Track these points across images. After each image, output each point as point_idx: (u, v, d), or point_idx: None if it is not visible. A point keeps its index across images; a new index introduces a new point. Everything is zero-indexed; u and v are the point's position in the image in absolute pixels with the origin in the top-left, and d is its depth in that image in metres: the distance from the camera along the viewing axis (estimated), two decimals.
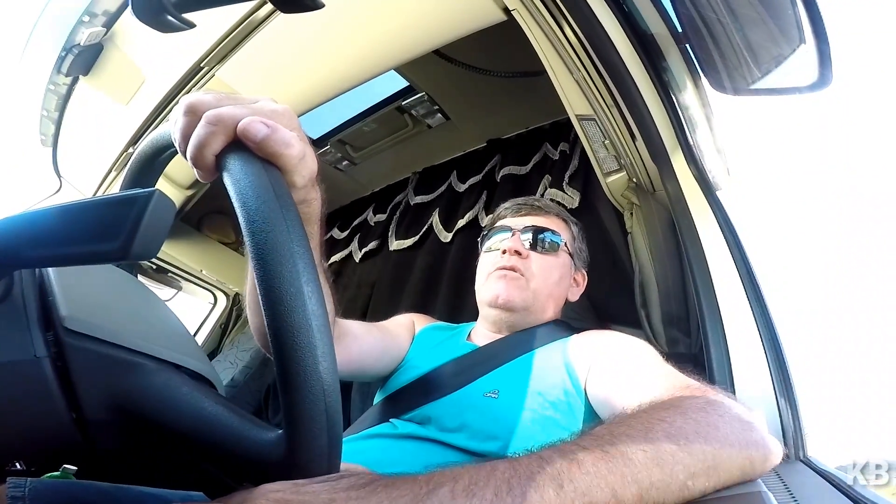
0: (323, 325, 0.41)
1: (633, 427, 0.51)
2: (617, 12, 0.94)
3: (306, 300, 0.41)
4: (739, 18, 0.96)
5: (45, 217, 0.41)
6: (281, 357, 0.40)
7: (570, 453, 0.45)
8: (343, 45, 1.31)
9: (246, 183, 0.44)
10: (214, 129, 0.46)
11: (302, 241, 0.42)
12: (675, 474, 0.47)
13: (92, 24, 1.34)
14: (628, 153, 1.19)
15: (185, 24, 0.61)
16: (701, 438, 0.51)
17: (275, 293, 0.40)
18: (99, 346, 0.47)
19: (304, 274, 0.41)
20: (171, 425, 0.46)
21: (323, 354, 0.40)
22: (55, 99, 1.59)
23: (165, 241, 0.40)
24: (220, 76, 1.41)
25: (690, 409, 0.55)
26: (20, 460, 0.48)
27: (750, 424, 0.57)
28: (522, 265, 1.10)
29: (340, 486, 0.40)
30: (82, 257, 0.41)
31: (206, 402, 0.47)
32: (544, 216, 1.20)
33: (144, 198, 0.39)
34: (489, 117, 1.84)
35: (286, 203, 0.44)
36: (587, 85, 1.08)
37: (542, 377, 0.93)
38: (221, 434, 0.45)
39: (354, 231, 2.14)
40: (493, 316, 1.12)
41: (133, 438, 0.48)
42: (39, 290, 0.46)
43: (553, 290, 1.13)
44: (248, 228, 0.41)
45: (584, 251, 1.24)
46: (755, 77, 0.97)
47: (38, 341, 0.43)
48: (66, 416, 0.44)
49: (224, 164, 0.46)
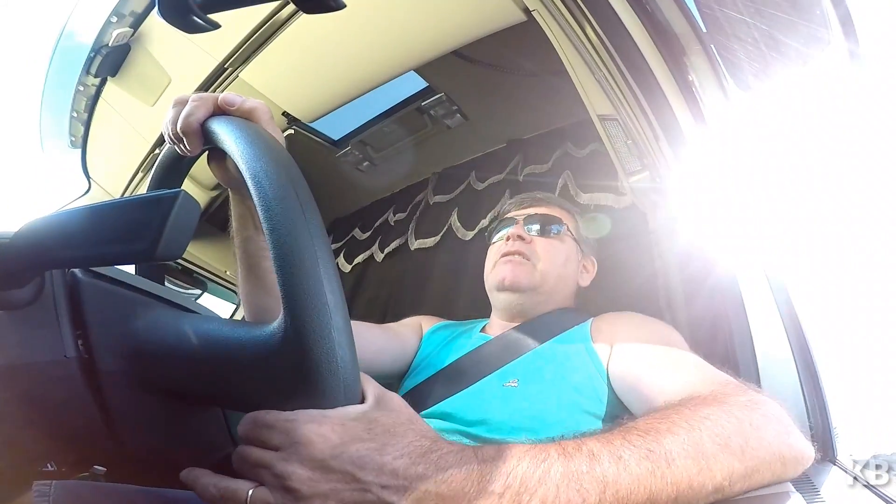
0: (313, 209, 0.44)
1: (678, 424, 0.51)
2: (639, 11, 0.93)
3: (296, 189, 0.43)
4: (765, 16, 0.94)
5: (73, 218, 0.42)
6: (276, 235, 0.41)
7: (617, 451, 0.46)
8: (363, 46, 1.32)
9: (235, 124, 0.52)
10: (198, 103, 0.60)
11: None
12: (714, 476, 0.47)
13: (120, 25, 1.37)
14: (651, 153, 1.18)
15: (210, 24, 0.61)
16: (742, 440, 0.51)
17: (265, 187, 0.43)
18: (110, 286, 0.50)
19: (290, 165, 0.46)
20: (180, 352, 0.47)
21: (317, 232, 0.42)
22: (84, 100, 1.62)
23: (191, 241, 0.41)
24: (244, 77, 1.43)
25: (734, 406, 0.56)
26: (51, 461, 0.50)
27: (789, 427, 0.57)
28: (527, 249, 1.13)
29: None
30: (110, 258, 0.42)
31: (202, 319, 0.50)
32: (546, 206, 1.24)
33: (170, 198, 0.40)
34: (508, 118, 1.83)
35: (270, 132, 0.52)
36: (609, 85, 1.07)
37: (563, 362, 0.93)
38: (224, 340, 0.46)
39: (377, 232, 2.14)
40: (502, 301, 1.14)
41: (151, 385, 0.49)
42: (70, 290, 0.47)
43: (561, 272, 1.15)
44: (241, 151, 0.46)
45: (590, 240, 1.27)
46: (781, 76, 0.95)
47: (69, 342, 0.44)
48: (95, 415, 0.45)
49: (210, 125, 0.57)
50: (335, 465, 0.41)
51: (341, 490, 0.40)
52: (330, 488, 0.40)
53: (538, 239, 1.16)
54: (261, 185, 0.42)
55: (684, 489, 0.45)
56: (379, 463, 0.41)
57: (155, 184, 0.71)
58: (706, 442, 0.49)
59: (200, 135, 0.60)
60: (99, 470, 0.52)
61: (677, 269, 1.22)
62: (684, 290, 1.20)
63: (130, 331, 0.49)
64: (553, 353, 0.96)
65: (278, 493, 0.41)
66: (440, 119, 1.78)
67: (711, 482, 0.47)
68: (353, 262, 2.15)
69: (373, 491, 0.40)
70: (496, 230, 1.25)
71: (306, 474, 0.40)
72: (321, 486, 0.40)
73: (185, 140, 0.61)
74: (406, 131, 1.87)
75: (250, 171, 0.44)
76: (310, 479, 0.40)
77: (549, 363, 0.94)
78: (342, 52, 1.36)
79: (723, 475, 0.48)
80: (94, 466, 0.52)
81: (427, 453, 0.43)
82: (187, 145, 0.62)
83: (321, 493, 0.40)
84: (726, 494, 0.48)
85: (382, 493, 0.40)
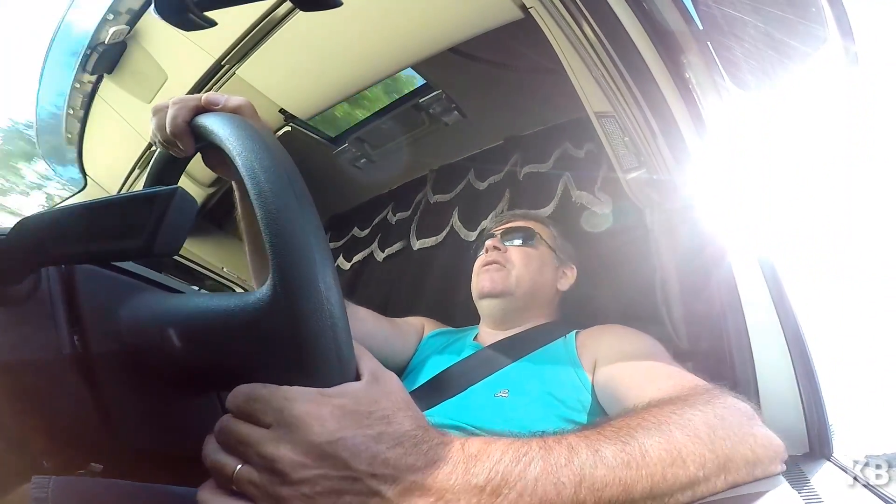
0: (298, 177, 0.45)
1: (647, 420, 0.53)
2: (636, 9, 0.93)
3: (286, 167, 0.44)
4: (762, 15, 0.94)
5: (69, 215, 0.42)
6: (262, 199, 0.42)
7: (594, 444, 0.47)
8: (360, 43, 1.32)
9: (224, 119, 0.52)
10: (180, 105, 0.61)
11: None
12: (687, 467, 0.48)
13: (116, 22, 1.37)
14: (648, 150, 1.18)
15: (206, 22, 0.62)
16: (709, 429, 0.52)
17: (256, 162, 0.43)
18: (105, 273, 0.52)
19: (278, 149, 0.46)
20: (174, 331, 0.47)
21: (301, 193, 0.43)
22: (80, 97, 1.62)
23: (187, 238, 0.41)
24: (241, 74, 1.43)
25: (698, 403, 0.58)
26: (47, 458, 0.49)
27: (753, 417, 0.59)
28: (502, 257, 1.23)
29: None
30: (106, 254, 0.42)
31: (195, 295, 0.52)
32: (522, 220, 1.36)
33: (167, 195, 0.40)
34: (506, 115, 1.83)
35: (258, 126, 0.51)
36: (606, 82, 1.07)
37: (551, 374, 0.95)
38: (216, 310, 0.46)
39: (375, 230, 2.14)
40: (484, 308, 1.23)
41: (148, 373, 0.49)
42: (66, 286, 0.47)
43: (535, 278, 1.22)
44: (234, 142, 0.46)
45: (568, 248, 1.35)
46: (778, 74, 0.95)
47: (65, 338, 0.44)
48: (92, 412, 0.45)
49: (198, 122, 0.58)
50: (329, 451, 0.40)
51: (331, 476, 0.40)
52: (320, 474, 0.40)
53: (513, 248, 1.26)
54: (251, 166, 0.43)
55: (658, 480, 0.46)
56: (374, 452, 0.40)
57: (151, 181, 0.71)
58: (676, 433, 0.50)
59: (191, 134, 0.61)
60: (96, 467, 0.52)
61: (674, 267, 1.22)
62: (682, 287, 1.20)
63: (125, 319, 0.49)
64: (540, 366, 0.99)
65: (265, 475, 0.40)
66: (438, 116, 1.78)
67: (685, 473, 0.48)
68: (352, 260, 2.15)
69: (363, 480, 0.40)
70: (480, 245, 1.34)
71: (297, 459, 0.40)
72: (310, 472, 0.40)
73: (178, 142, 0.63)
74: (404, 128, 1.87)
75: (240, 157, 0.44)
76: (301, 463, 0.40)
77: (537, 375, 0.96)
78: (339, 50, 1.36)
79: (695, 465, 0.48)
80: (90, 464, 0.52)
81: (419, 444, 0.43)
82: (181, 146, 0.64)
83: (309, 479, 0.39)
84: (704, 489, 0.49)
85: (371, 482, 0.40)
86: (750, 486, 0.51)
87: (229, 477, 0.41)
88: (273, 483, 0.40)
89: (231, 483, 0.42)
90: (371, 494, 0.40)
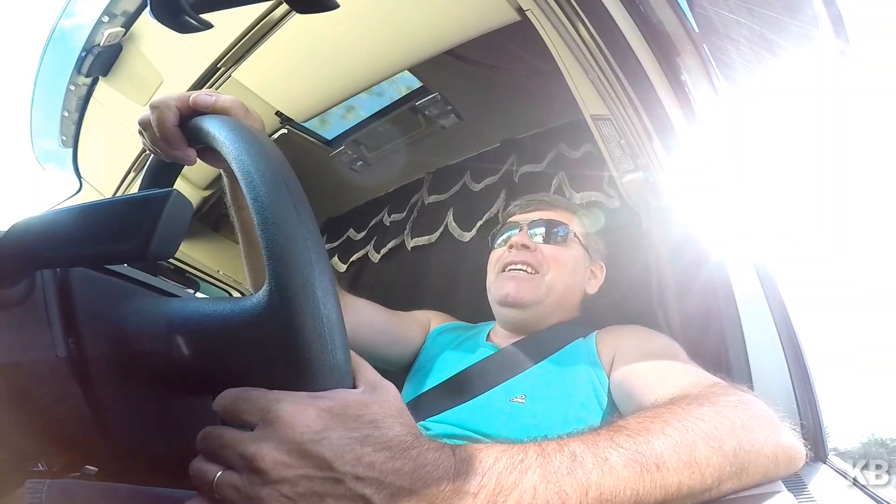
0: (293, 178, 0.45)
1: (670, 424, 0.50)
2: (632, 11, 0.93)
3: (282, 167, 0.44)
4: (756, 16, 0.95)
5: (64, 218, 0.42)
6: (258, 203, 0.42)
7: (603, 453, 0.45)
8: (357, 45, 1.32)
9: (218, 121, 0.52)
10: (161, 108, 0.60)
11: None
12: (704, 480, 0.47)
13: (111, 25, 1.36)
14: (644, 152, 1.18)
15: (202, 24, 0.61)
16: (735, 443, 0.50)
17: (252, 167, 0.43)
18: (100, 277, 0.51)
19: (272, 148, 0.47)
20: (170, 335, 0.47)
21: (298, 197, 0.43)
22: (75, 99, 1.61)
23: (183, 241, 0.41)
24: (237, 76, 1.43)
25: (725, 407, 0.55)
26: (43, 461, 0.49)
27: (779, 427, 0.57)
28: (532, 258, 1.09)
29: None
30: (102, 257, 0.42)
31: (191, 300, 0.50)
32: (552, 209, 1.19)
33: (162, 198, 0.40)
34: (502, 117, 1.83)
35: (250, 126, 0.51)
36: (602, 85, 1.07)
37: (569, 378, 0.92)
38: (212, 315, 0.46)
39: (371, 232, 2.14)
40: (504, 315, 1.11)
41: (143, 377, 0.49)
42: (61, 289, 0.47)
43: (567, 282, 1.11)
44: (229, 141, 0.46)
45: (598, 243, 1.23)
46: (773, 76, 0.96)
47: (60, 341, 0.44)
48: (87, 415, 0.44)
49: (191, 125, 0.57)
50: (312, 450, 0.38)
51: (313, 477, 0.38)
52: (301, 474, 0.38)
53: (543, 246, 1.11)
54: (247, 171, 0.43)
55: (673, 492, 0.45)
56: (358, 454, 0.39)
57: (147, 183, 0.71)
58: (699, 445, 0.48)
59: (182, 137, 0.61)
60: (90, 470, 0.52)
61: (670, 268, 1.22)
62: (677, 288, 1.20)
63: (121, 323, 0.49)
64: (559, 369, 0.96)
65: (245, 475, 0.39)
66: (434, 119, 1.78)
67: (701, 485, 0.47)
68: (348, 261, 2.15)
69: (346, 482, 0.38)
70: (499, 233, 1.22)
71: (279, 457, 0.38)
72: (291, 471, 0.38)
73: (171, 145, 0.62)
74: (400, 131, 1.87)
75: (234, 157, 0.44)
76: (282, 462, 0.38)
77: (555, 379, 0.93)
78: (335, 52, 1.36)
79: (713, 478, 0.47)
80: (85, 466, 0.52)
81: (408, 449, 0.41)
82: (177, 151, 0.63)
83: (289, 479, 0.38)
84: (713, 495, 0.48)
85: (356, 485, 0.38)
86: (748, 489, 0.51)
87: (210, 484, 0.40)
88: (253, 483, 0.38)
89: (213, 491, 0.40)
90: (354, 498, 0.38)
